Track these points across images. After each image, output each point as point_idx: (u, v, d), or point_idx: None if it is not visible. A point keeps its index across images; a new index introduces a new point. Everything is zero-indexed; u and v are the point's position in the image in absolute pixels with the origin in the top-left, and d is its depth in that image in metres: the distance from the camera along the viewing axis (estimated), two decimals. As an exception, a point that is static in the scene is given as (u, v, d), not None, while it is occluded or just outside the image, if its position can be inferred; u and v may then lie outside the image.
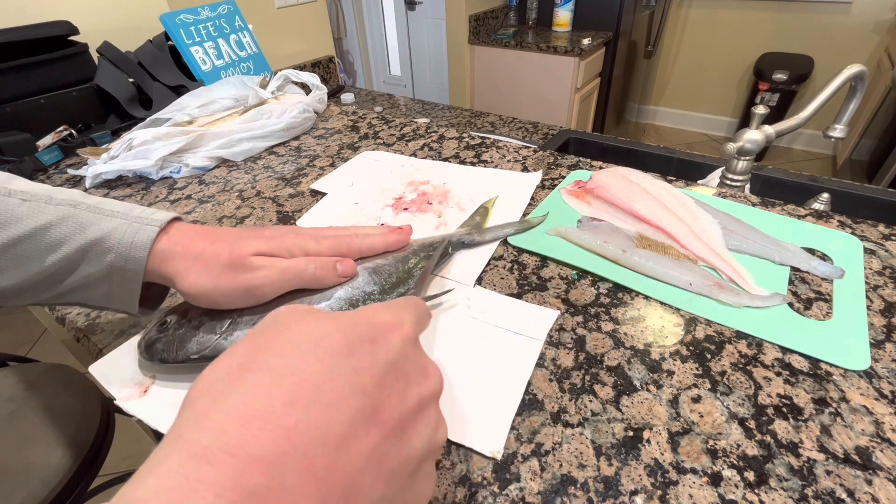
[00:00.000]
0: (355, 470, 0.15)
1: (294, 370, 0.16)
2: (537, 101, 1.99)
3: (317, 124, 0.78)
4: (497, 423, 0.29)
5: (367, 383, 0.17)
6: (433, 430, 0.19)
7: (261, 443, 0.14)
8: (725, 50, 2.58)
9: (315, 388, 0.16)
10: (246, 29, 0.93)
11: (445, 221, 0.50)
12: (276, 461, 0.14)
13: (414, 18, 2.25)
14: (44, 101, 0.74)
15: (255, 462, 0.14)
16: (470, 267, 0.43)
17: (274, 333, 0.18)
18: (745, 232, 0.44)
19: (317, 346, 0.17)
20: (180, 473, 0.13)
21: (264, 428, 0.14)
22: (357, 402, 0.16)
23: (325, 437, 0.15)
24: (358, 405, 0.16)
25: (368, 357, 0.18)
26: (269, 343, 0.18)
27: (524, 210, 0.51)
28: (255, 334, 0.18)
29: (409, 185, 0.57)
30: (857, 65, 0.57)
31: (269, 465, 0.14)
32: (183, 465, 0.13)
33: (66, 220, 0.29)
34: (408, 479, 0.18)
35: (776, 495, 0.25)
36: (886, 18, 2.12)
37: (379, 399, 0.17)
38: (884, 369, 0.32)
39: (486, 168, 0.60)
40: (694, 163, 0.85)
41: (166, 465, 0.13)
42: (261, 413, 0.15)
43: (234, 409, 0.15)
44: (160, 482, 0.13)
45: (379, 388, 0.17)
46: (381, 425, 0.17)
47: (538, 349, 0.34)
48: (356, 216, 0.52)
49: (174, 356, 0.31)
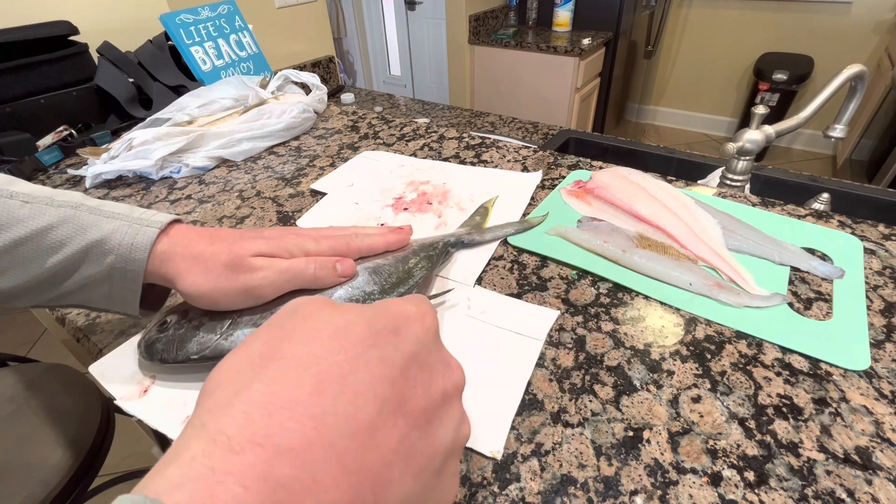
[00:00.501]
0: (384, 463, 0.15)
1: (318, 359, 0.16)
2: (537, 101, 1.99)
3: (317, 124, 0.78)
4: (497, 424, 0.29)
5: (393, 373, 0.17)
6: (457, 424, 0.19)
7: (288, 433, 0.13)
8: (725, 50, 2.58)
9: (340, 378, 0.15)
10: (246, 29, 0.93)
11: (445, 221, 0.50)
12: (305, 452, 0.13)
13: (414, 18, 2.25)
14: (44, 101, 0.74)
15: (283, 453, 0.13)
16: (470, 267, 0.43)
17: (294, 322, 0.18)
18: (745, 232, 0.44)
19: (340, 335, 0.17)
20: (205, 464, 0.12)
21: (291, 418, 0.14)
22: (384, 392, 0.16)
23: (353, 428, 0.15)
24: (385, 395, 0.16)
25: (392, 347, 0.17)
26: (291, 332, 0.17)
27: (524, 210, 0.51)
28: (275, 323, 0.18)
29: (410, 185, 0.57)
30: (857, 65, 0.57)
31: (299, 456, 0.13)
32: (208, 455, 0.13)
33: (67, 221, 0.29)
34: (434, 477, 0.17)
35: (776, 495, 0.25)
36: (886, 18, 2.12)
37: (405, 389, 0.17)
38: (884, 369, 0.32)
39: (487, 168, 0.60)
40: (694, 163, 0.85)
41: (189, 454, 0.13)
42: (287, 403, 0.14)
43: (259, 399, 0.14)
44: (184, 472, 0.12)
45: (404, 378, 0.17)
46: (408, 416, 0.16)
47: (538, 349, 0.34)
48: (356, 216, 0.52)
49: (174, 356, 0.31)
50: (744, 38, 2.50)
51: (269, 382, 0.15)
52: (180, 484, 0.12)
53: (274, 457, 0.13)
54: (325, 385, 0.15)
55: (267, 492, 0.12)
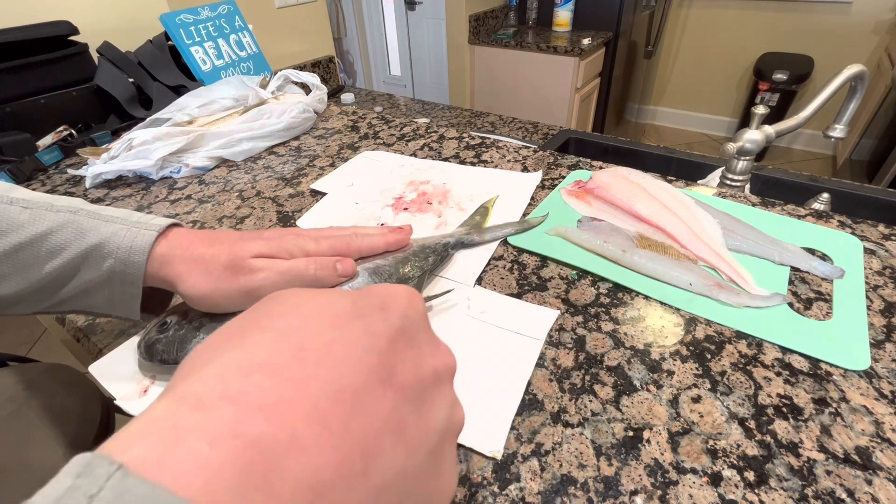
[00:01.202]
0: (373, 431, 0.14)
1: (301, 330, 0.15)
2: (537, 101, 1.99)
3: (317, 124, 0.78)
4: (497, 423, 0.29)
5: (380, 344, 0.16)
6: (450, 407, 0.18)
7: (265, 391, 0.12)
8: (725, 50, 2.58)
9: (325, 345, 0.15)
10: (246, 29, 0.93)
11: (446, 221, 0.50)
12: (283, 410, 0.12)
13: (414, 18, 2.25)
14: (44, 101, 0.74)
15: (258, 409, 0.12)
16: (470, 267, 0.43)
17: (275, 302, 0.17)
18: (745, 232, 0.44)
19: (323, 308, 0.16)
20: (168, 421, 0.11)
21: (270, 378, 0.13)
22: (371, 360, 0.15)
23: (337, 393, 0.13)
24: (371, 364, 0.15)
25: (380, 320, 0.17)
26: (271, 309, 0.16)
27: (524, 210, 0.51)
28: (256, 306, 0.17)
29: (410, 185, 0.57)
30: (857, 65, 0.57)
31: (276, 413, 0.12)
32: (172, 412, 0.11)
33: (66, 226, 0.29)
34: (430, 458, 0.16)
35: (776, 495, 0.25)
36: (886, 18, 2.12)
37: (393, 362, 0.16)
38: (884, 369, 0.32)
39: (487, 168, 0.60)
40: (694, 163, 0.85)
41: (153, 414, 0.12)
42: (266, 365, 0.13)
43: (235, 362, 0.13)
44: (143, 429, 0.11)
45: (392, 350, 0.16)
46: (398, 388, 0.15)
47: (538, 349, 0.34)
48: (356, 216, 0.52)
49: (174, 357, 0.31)
50: (744, 38, 2.50)
51: (247, 348, 0.14)
52: (137, 441, 0.11)
53: (247, 413, 0.11)
54: (306, 352, 0.14)
55: (237, 450, 0.11)
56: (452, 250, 0.43)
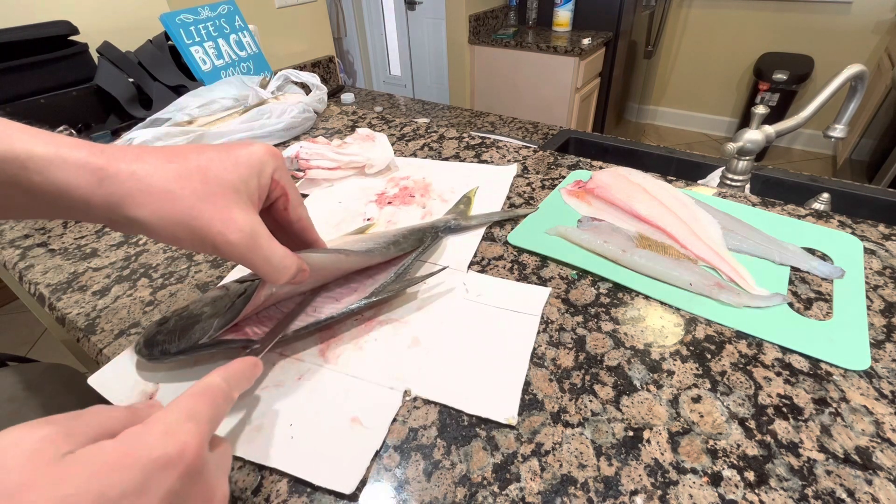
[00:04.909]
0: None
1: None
2: (537, 101, 1.99)
3: (317, 124, 0.78)
4: (508, 391, 0.31)
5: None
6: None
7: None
8: (725, 50, 2.58)
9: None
10: (246, 29, 0.93)
11: (430, 211, 0.51)
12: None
13: (414, 18, 2.25)
14: (44, 101, 0.74)
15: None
16: (460, 253, 0.45)
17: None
18: (745, 232, 0.44)
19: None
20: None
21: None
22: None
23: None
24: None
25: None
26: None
27: (503, 202, 0.52)
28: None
29: (390, 181, 0.58)
30: (857, 65, 0.57)
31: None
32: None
33: None
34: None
35: (776, 495, 0.25)
36: (886, 18, 2.12)
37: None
38: (884, 369, 0.32)
39: (462, 163, 0.62)
40: (694, 163, 0.85)
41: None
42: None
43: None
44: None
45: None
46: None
47: (536, 323, 0.36)
48: (341, 214, 0.53)
49: (178, 346, 0.30)
50: (744, 38, 2.50)
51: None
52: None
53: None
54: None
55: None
56: (442, 235, 0.46)
